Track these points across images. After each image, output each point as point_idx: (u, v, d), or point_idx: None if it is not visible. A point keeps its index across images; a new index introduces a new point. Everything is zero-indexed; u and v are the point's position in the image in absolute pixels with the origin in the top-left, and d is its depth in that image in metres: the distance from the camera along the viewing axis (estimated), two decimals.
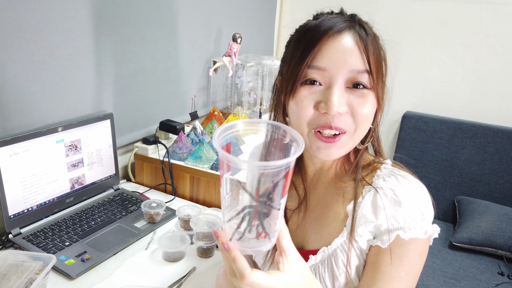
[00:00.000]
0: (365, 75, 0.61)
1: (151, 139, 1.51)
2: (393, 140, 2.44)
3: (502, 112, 2.16)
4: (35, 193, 1.15)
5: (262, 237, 0.49)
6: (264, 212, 0.48)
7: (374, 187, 0.67)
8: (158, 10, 1.56)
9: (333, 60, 0.61)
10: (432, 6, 2.19)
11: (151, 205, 1.24)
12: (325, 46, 0.61)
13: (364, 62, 0.61)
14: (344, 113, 0.62)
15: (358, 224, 0.66)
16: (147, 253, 1.10)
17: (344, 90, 0.62)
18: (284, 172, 0.45)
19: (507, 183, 2.06)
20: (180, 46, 1.73)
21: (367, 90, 0.62)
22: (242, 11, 2.18)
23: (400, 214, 0.63)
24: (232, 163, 0.44)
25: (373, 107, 0.64)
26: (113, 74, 1.42)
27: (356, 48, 0.61)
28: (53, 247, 1.07)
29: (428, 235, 0.63)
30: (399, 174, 0.67)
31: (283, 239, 0.52)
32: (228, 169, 0.46)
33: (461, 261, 1.77)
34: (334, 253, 0.67)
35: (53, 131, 1.17)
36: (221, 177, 0.47)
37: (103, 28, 1.33)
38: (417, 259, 0.63)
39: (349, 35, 0.62)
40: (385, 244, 0.63)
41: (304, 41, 0.63)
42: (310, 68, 0.62)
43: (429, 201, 0.66)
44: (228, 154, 0.44)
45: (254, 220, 0.48)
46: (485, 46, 2.12)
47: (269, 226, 0.49)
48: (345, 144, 0.64)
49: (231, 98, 2.04)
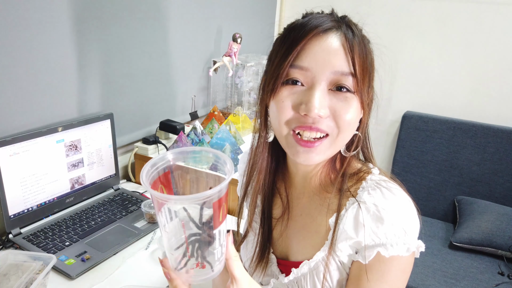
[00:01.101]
0: (350, 78, 0.58)
1: (151, 139, 1.51)
2: (393, 140, 2.44)
3: (502, 112, 2.16)
4: (35, 193, 1.15)
5: (199, 267, 0.49)
6: (207, 241, 0.47)
7: (357, 200, 0.63)
8: (158, 10, 1.56)
9: (317, 60, 0.58)
10: (432, 6, 2.19)
11: (151, 205, 1.24)
12: (309, 45, 0.59)
13: (349, 64, 0.58)
14: (326, 116, 0.59)
15: (339, 239, 0.63)
16: (147, 253, 1.10)
17: (327, 92, 0.59)
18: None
19: (507, 183, 2.06)
20: (180, 46, 1.73)
21: (351, 94, 0.59)
22: (242, 11, 2.18)
23: (382, 230, 0.60)
24: (160, 199, 0.45)
25: (357, 112, 0.61)
26: (113, 74, 1.42)
27: (341, 49, 0.58)
28: (53, 247, 1.07)
29: (411, 252, 0.61)
30: (385, 186, 0.64)
31: (233, 266, 0.51)
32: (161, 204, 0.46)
33: (461, 261, 1.77)
34: (316, 266, 0.66)
35: (53, 131, 1.17)
36: (159, 206, 0.46)
37: (103, 28, 1.33)
38: (399, 275, 0.61)
39: (335, 35, 0.59)
40: (365, 260, 0.61)
41: (288, 39, 0.61)
42: (292, 68, 0.60)
43: (414, 216, 0.63)
44: (154, 192, 0.44)
45: (196, 250, 0.48)
46: (485, 46, 2.12)
47: (210, 255, 0.48)
48: (325, 149, 0.62)
49: (231, 98, 2.04)
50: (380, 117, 2.43)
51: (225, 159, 0.50)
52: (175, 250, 0.48)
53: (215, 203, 0.45)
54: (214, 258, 0.48)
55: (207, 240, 0.47)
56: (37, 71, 1.16)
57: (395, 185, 0.65)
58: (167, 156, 0.50)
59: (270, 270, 0.74)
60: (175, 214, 0.46)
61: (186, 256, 0.48)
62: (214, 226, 0.46)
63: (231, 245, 0.51)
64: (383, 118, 2.42)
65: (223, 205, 0.46)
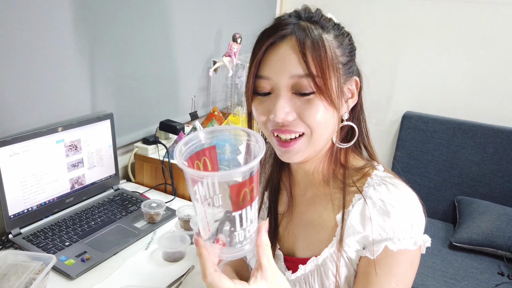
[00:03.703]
0: (308, 79, 0.60)
1: (151, 139, 1.51)
2: (393, 140, 2.44)
3: (502, 112, 2.16)
4: (35, 193, 1.15)
5: (220, 243, 0.49)
6: (232, 221, 0.48)
7: (363, 196, 0.65)
8: (158, 10, 1.56)
9: (275, 68, 0.61)
10: (432, 6, 2.19)
11: (151, 205, 1.24)
12: (266, 56, 0.62)
13: (303, 66, 0.59)
14: (293, 119, 0.62)
15: (346, 234, 0.64)
16: (147, 253, 1.10)
17: (291, 96, 0.62)
18: (247, 177, 0.45)
19: (507, 183, 2.06)
20: (180, 46, 1.73)
21: (313, 95, 0.61)
22: (242, 11, 2.17)
23: (389, 224, 0.62)
24: (195, 176, 0.45)
25: (324, 110, 0.61)
26: (113, 74, 1.42)
27: (293, 54, 0.60)
28: (53, 247, 1.07)
29: (418, 245, 0.62)
30: (390, 182, 0.65)
31: (262, 254, 0.51)
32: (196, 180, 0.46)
33: (461, 261, 1.77)
34: (324, 263, 0.66)
35: (53, 131, 1.17)
36: (197, 182, 0.46)
37: (103, 28, 1.33)
38: (408, 269, 0.62)
39: (287, 41, 0.61)
40: (373, 255, 0.62)
41: (253, 50, 0.65)
42: (257, 78, 0.63)
43: (420, 211, 0.64)
44: (189, 169, 0.45)
45: (230, 227, 0.48)
46: (485, 46, 2.12)
47: (232, 235, 0.48)
48: (304, 147, 0.64)
49: (231, 98, 2.04)
50: (380, 117, 2.44)
51: (256, 137, 0.50)
52: (214, 222, 0.49)
53: (234, 186, 0.45)
54: (235, 239, 0.48)
55: (231, 220, 0.48)
56: (37, 71, 1.16)
57: (400, 181, 0.67)
58: (199, 135, 0.51)
59: None
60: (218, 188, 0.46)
61: (229, 230, 0.48)
62: (232, 209, 0.47)
63: (264, 232, 0.51)
64: (383, 118, 2.42)
65: (245, 190, 0.46)
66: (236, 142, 0.54)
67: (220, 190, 0.46)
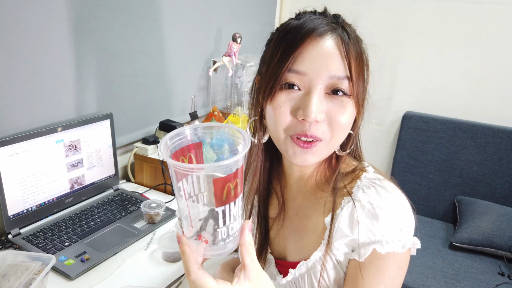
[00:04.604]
0: (346, 82, 0.59)
1: (150, 139, 1.51)
2: (393, 140, 2.43)
3: (502, 112, 2.16)
4: (34, 193, 1.15)
5: (202, 240, 0.48)
6: (214, 217, 0.47)
7: (352, 199, 0.64)
8: (158, 10, 1.56)
9: (314, 64, 0.58)
10: (432, 6, 2.19)
11: (151, 205, 1.24)
12: (306, 50, 0.58)
13: (345, 68, 0.58)
14: (322, 121, 0.59)
15: (335, 237, 0.64)
16: (147, 254, 1.10)
17: (323, 96, 0.59)
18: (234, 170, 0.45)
19: (507, 183, 2.06)
20: (180, 46, 1.73)
21: (347, 98, 0.60)
22: (242, 11, 2.17)
23: (377, 227, 0.61)
24: (181, 169, 0.44)
25: (352, 114, 0.62)
26: (112, 74, 1.42)
27: (337, 52, 0.58)
28: (52, 247, 1.07)
29: (407, 248, 0.61)
30: (380, 185, 0.64)
31: (245, 254, 0.50)
32: (182, 176, 0.45)
33: (462, 262, 1.77)
34: (313, 266, 0.66)
35: (53, 131, 1.17)
36: (181, 178, 0.46)
37: (102, 27, 1.33)
38: (396, 272, 0.62)
39: (331, 39, 0.59)
40: (362, 257, 0.61)
41: (284, 42, 0.60)
42: (289, 72, 0.59)
43: (410, 214, 0.63)
44: (176, 162, 0.44)
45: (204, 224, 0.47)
46: (485, 46, 2.12)
47: (214, 233, 0.48)
48: (321, 150, 0.62)
49: (231, 98, 2.03)
50: (380, 117, 2.44)
51: (243, 134, 0.50)
52: (198, 221, 0.48)
53: (218, 180, 0.44)
54: (218, 237, 0.48)
55: (214, 216, 0.47)
56: (36, 71, 1.16)
57: (390, 183, 0.66)
58: (185, 131, 0.51)
59: (268, 271, 0.74)
60: (204, 182, 0.45)
61: (202, 228, 0.48)
62: (215, 204, 0.46)
63: (247, 232, 0.50)
64: (383, 118, 2.42)
65: (229, 185, 0.45)
66: (234, 142, 0.54)
67: (205, 187, 0.45)
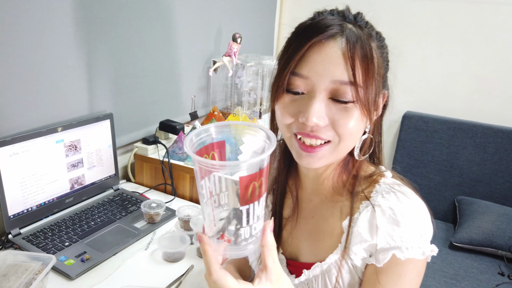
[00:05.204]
0: (350, 87, 0.57)
1: (151, 139, 1.51)
2: (393, 140, 2.43)
3: (502, 112, 2.16)
4: (34, 193, 1.15)
5: (225, 240, 0.48)
6: (238, 217, 0.47)
7: (372, 203, 0.63)
8: (158, 10, 1.56)
9: (316, 69, 0.57)
10: (432, 6, 2.19)
11: (151, 205, 1.24)
12: (309, 53, 0.58)
13: (349, 73, 0.56)
14: (324, 125, 0.58)
15: (353, 242, 0.63)
16: (147, 254, 1.10)
17: (327, 101, 0.58)
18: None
19: (507, 183, 2.06)
20: (180, 46, 1.73)
21: (351, 104, 0.58)
22: (242, 11, 2.17)
23: (398, 233, 0.60)
24: (207, 165, 0.44)
25: (359, 120, 0.59)
26: (112, 74, 1.42)
27: (342, 57, 0.56)
28: (52, 247, 1.07)
29: (426, 255, 0.61)
30: (399, 190, 0.64)
31: (267, 255, 0.50)
32: (208, 173, 0.45)
33: (462, 261, 1.77)
34: (328, 269, 0.66)
35: (53, 131, 1.17)
36: (204, 176, 0.45)
37: (102, 27, 1.33)
38: (415, 278, 0.61)
39: (337, 42, 0.57)
40: (380, 263, 0.61)
41: (292, 44, 0.60)
42: (293, 75, 0.59)
43: (429, 220, 0.63)
44: (204, 159, 0.44)
45: (237, 224, 0.47)
46: (485, 46, 2.12)
47: (237, 233, 0.48)
48: (328, 154, 0.61)
49: (231, 98, 2.03)
50: None
51: (268, 133, 0.49)
52: (220, 220, 0.48)
53: (243, 178, 0.44)
54: (240, 236, 0.47)
55: (238, 215, 0.47)
56: (36, 71, 1.16)
57: (409, 189, 0.65)
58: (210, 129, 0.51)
59: None
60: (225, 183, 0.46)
61: (236, 228, 0.48)
62: (240, 203, 0.46)
63: (269, 232, 0.50)
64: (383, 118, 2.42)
65: (254, 184, 0.45)
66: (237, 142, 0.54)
67: (227, 187, 0.45)
